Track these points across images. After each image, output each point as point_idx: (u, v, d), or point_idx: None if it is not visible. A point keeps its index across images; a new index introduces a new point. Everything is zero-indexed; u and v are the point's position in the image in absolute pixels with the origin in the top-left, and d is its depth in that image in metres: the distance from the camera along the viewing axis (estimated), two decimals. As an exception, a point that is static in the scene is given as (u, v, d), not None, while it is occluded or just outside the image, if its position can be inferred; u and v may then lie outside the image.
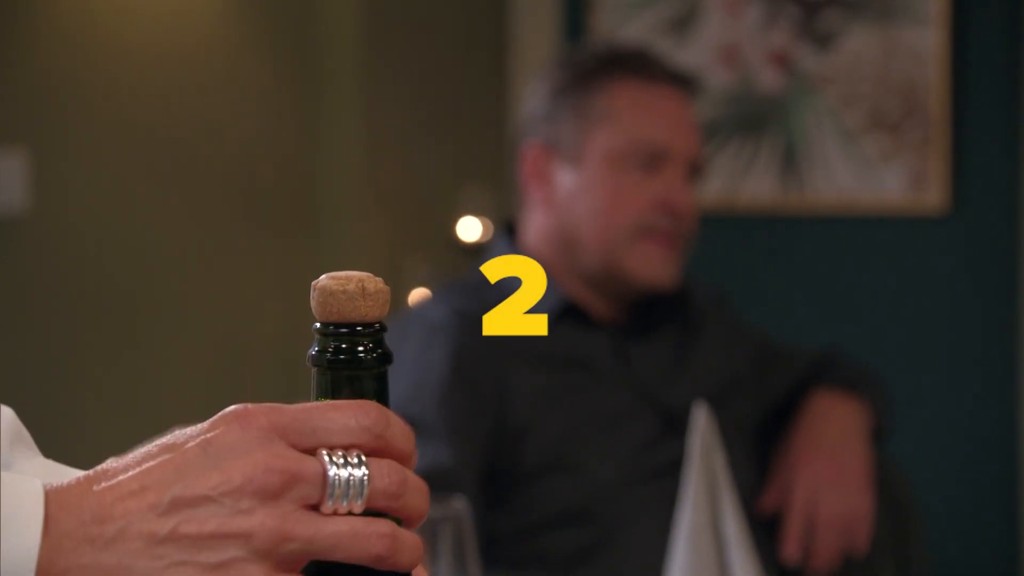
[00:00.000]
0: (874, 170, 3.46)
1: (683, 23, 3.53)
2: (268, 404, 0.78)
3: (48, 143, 3.03)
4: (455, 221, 3.49)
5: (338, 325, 0.82)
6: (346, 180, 3.49)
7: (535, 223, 2.22)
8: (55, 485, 0.76)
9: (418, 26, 3.61)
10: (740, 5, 3.52)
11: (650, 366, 2.17)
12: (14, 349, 3.00)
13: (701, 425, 1.74)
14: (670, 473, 2.08)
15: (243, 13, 3.32)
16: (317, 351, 0.82)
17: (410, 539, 0.79)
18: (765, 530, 2.13)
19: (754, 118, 3.52)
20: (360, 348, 0.82)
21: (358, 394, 0.83)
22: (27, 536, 0.74)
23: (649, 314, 2.22)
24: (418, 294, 3.27)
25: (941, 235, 3.45)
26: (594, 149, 2.17)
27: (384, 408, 0.81)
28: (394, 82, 3.54)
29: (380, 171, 3.53)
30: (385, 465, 0.79)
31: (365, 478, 0.78)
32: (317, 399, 0.83)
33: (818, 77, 3.49)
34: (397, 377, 0.99)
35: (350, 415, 0.79)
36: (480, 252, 3.27)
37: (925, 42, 3.43)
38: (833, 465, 2.14)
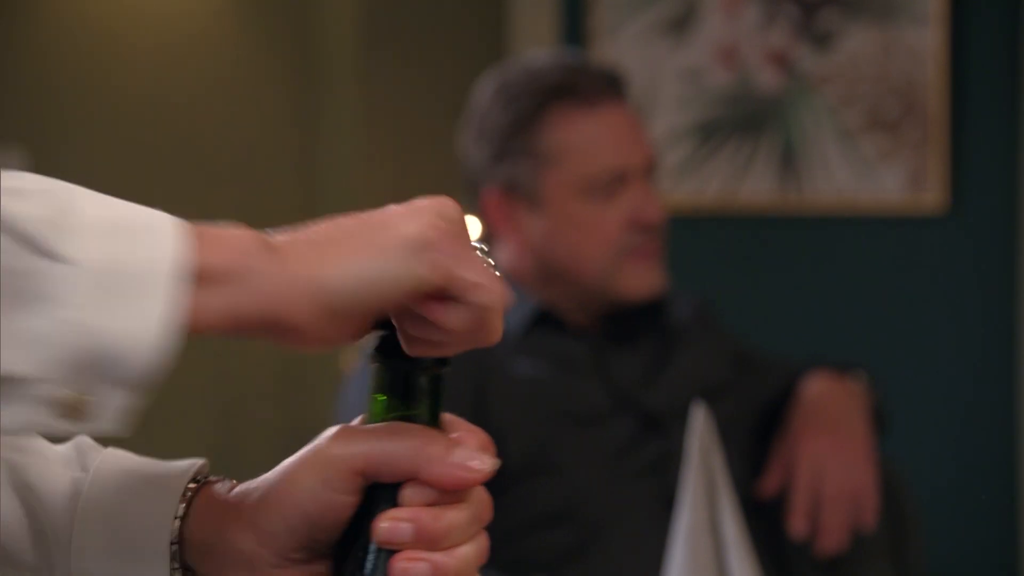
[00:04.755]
0: (873, 170, 3.46)
1: (681, 23, 3.53)
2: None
3: (48, 143, 3.03)
4: (454, 221, 3.49)
5: None
6: (345, 179, 3.49)
7: (508, 251, 2.23)
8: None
9: (417, 26, 3.61)
10: (738, 5, 3.52)
11: (627, 371, 2.17)
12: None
13: (699, 425, 1.74)
14: (650, 474, 2.08)
15: (242, 12, 3.32)
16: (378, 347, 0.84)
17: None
18: (764, 516, 2.13)
19: (753, 118, 3.52)
20: None
21: (412, 391, 0.84)
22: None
23: (625, 324, 2.22)
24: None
25: (939, 235, 3.45)
26: (553, 190, 2.16)
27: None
28: (393, 81, 3.54)
29: (379, 170, 3.53)
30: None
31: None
32: (374, 395, 0.84)
33: (817, 77, 3.49)
34: None
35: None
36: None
37: (924, 42, 3.43)
38: (835, 441, 2.13)
